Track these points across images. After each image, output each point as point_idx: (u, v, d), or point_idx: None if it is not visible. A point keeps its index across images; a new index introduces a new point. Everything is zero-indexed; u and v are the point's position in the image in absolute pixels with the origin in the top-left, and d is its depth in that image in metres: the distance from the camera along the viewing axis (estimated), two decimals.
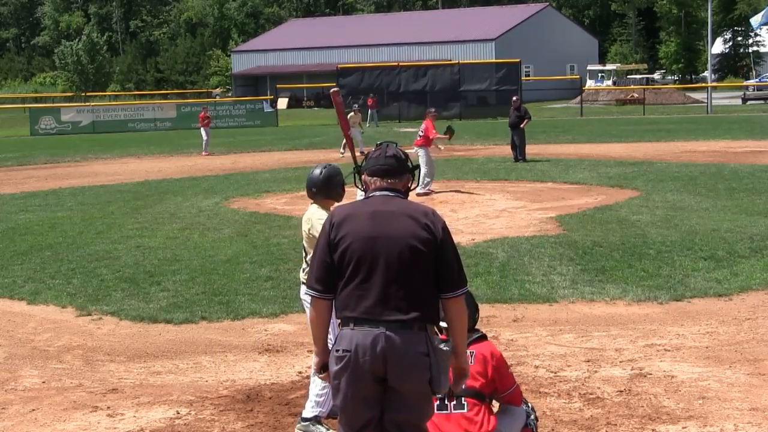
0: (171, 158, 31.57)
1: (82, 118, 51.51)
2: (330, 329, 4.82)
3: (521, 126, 25.03)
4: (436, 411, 5.08)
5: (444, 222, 4.60)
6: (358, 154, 7.99)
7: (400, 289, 4.44)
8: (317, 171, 6.62)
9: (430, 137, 19.41)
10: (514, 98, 26.47)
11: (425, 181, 18.66)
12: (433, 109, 21.05)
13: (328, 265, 4.52)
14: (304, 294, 5.28)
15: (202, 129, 32.94)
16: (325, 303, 4.56)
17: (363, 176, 4.71)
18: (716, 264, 11.04)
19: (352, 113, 30.42)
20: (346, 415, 4.55)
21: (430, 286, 4.50)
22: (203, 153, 32.06)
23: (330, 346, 4.65)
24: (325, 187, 6.56)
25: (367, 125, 47.84)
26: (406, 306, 4.44)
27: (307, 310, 4.73)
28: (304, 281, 5.50)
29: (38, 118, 51.33)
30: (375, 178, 4.64)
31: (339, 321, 4.60)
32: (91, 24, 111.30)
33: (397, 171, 4.65)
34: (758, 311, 9.08)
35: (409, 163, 4.74)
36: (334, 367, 4.50)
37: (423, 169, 18.77)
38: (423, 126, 19.76)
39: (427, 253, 4.46)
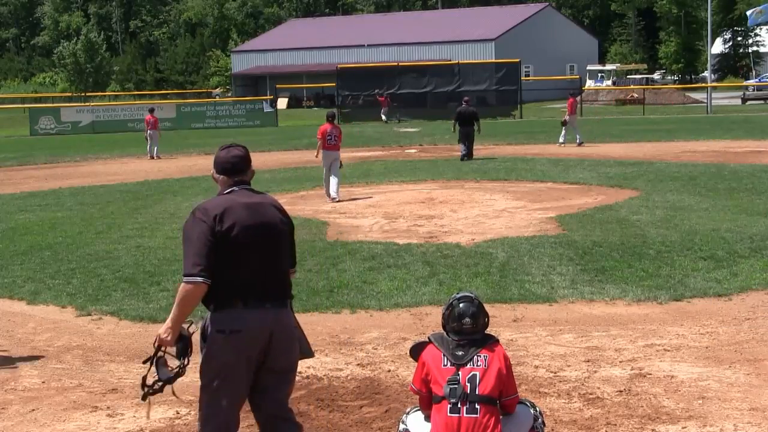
0: (171, 158, 31.56)
1: (81, 118, 51.54)
2: None
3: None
4: (448, 414, 5.05)
5: None
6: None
7: (278, 270, 5.02)
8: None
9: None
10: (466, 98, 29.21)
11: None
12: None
13: (213, 254, 4.84)
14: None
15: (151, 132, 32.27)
16: (205, 288, 4.84)
17: (212, 173, 5.19)
18: (716, 264, 11.04)
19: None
20: (227, 393, 4.92)
21: (288, 266, 5.15)
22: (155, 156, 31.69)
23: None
24: None
25: (385, 122, 50.10)
26: (283, 286, 5.05)
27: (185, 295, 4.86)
28: None
29: (38, 118, 51.36)
30: (222, 177, 5.12)
31: (214, 304, 4.89)
32: (90, 24, 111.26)
33: (241, 168, 5.13)
34: (758, 311, 9.08)
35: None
36: (219, 346, 4.85)
37: (335, 176, 18.26)
38: (335, 132, 18.61)
39: (289, 236, 5.15)
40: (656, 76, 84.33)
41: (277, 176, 23.63)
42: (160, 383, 5.04)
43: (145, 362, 5.11)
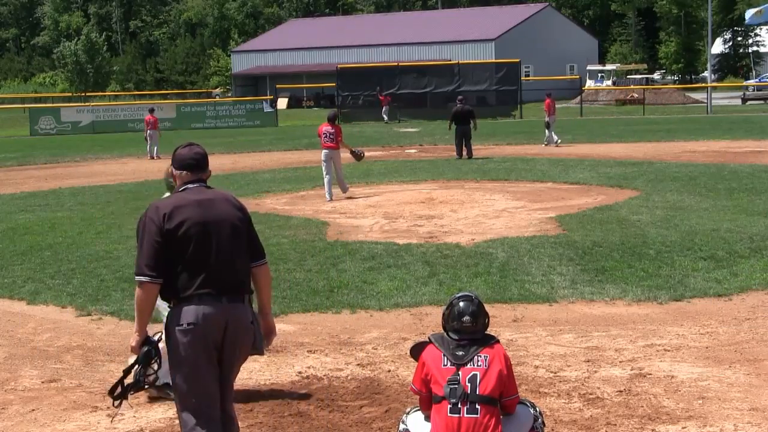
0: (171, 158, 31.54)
1: (81, 118, 51.55)
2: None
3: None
4: (448, 414, 5.04)
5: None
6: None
7: (231, 265, 5.06)
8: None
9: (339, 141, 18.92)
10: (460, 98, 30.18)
11: (344, 185, 18.87)
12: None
13: (161, 253, 4.99)
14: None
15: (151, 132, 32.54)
16: (157, 287, 5.04)
17: (171, 170, 5.31)
18: (716, 264, 11.04)
19: None
20: (196, 387, 4.97)
21: (247, 261, 5.17)
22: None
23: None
24: None
25: (385, 121, 50.39)
26: (237, 280, 5.09)
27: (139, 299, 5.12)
28: None
29: (38, 118, 51.37)
30: (184, 172, 5.24)
31: (173, 300, 5.02)
32: (90, 24, 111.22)
33: (203, 165, 5.28)
34: (758, 311, 9.08)
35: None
36: (178, 341, 4.91)
37: (338, 173, 18.75)
38: (332, 130, 18.79)
39: (244, 230, 5.17)
40: (656, 76, 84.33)
41: (277, 176, 23.63)
42: (125, 388, 5.09)
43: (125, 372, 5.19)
